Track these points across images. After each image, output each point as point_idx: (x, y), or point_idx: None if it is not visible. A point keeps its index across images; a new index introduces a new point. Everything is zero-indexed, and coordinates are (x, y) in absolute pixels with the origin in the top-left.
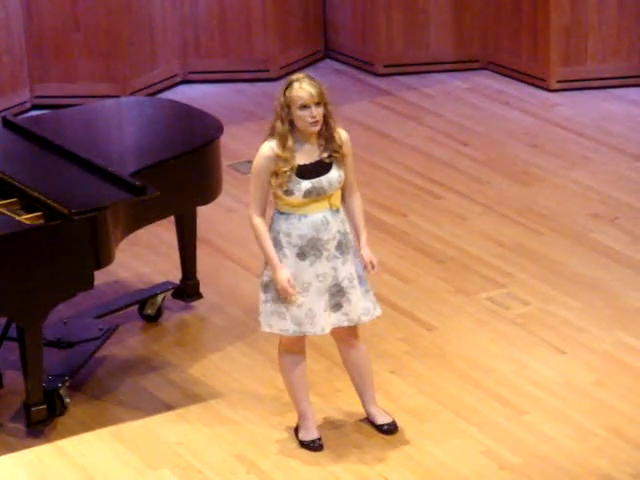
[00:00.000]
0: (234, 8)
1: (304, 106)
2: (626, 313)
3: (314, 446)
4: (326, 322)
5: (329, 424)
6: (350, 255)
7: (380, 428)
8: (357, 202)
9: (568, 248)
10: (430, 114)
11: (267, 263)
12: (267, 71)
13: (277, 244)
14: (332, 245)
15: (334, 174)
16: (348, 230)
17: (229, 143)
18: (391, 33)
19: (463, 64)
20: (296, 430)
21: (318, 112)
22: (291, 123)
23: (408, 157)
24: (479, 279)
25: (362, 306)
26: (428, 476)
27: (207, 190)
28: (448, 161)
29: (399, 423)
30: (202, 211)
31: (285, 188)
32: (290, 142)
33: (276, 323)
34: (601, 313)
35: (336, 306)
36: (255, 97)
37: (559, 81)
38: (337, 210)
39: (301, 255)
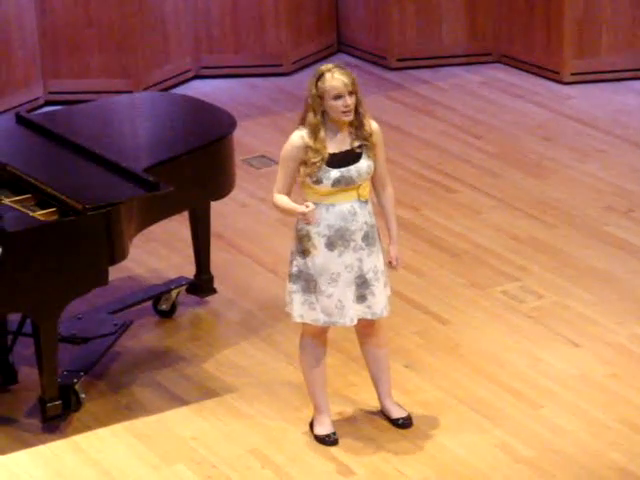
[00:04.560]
0: (246, 3)
1: (338, 96)
2: None
3: (329, 440)
4: (354, 313)
5: (344, 418)
6: (375, 247)
7: (395, 422)
8: (389, 197)
9: (582, 241)
10: (443, 108)
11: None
12: (280, 66)
13: (306, 234)
14: (359, 236)
15: (363, 164)
16: (374, 222)
17: (242, 138)
18: (404, 27)
19: (476, 57)
20: (311, 424)
21: (352, 101)
22: (323, 114)
23: (421, 151)
24: (493, 273)
25: (384, 300)
26: (443, 470)
27: (221, 185)
28: (461, 155)
29: (413, 417)
30: (216, 206)
31: (314, 178)
32: (322, 133)
33: (307, 313)
34: (615, 306)
35: (360, 298)
36: (268, 92)
37: (573, 74)
38: (365, 201)
39: (329, 245)
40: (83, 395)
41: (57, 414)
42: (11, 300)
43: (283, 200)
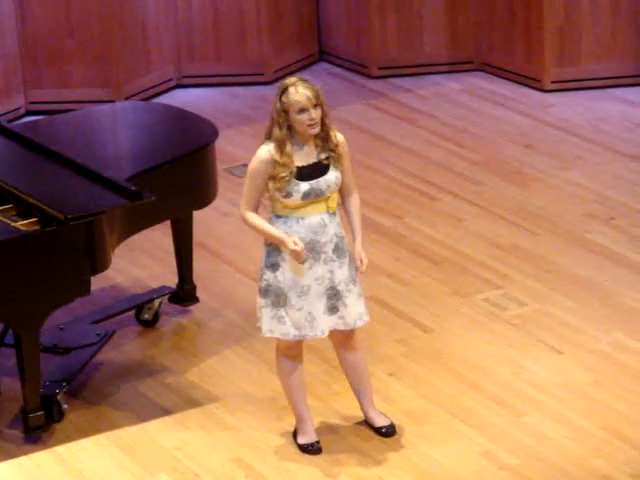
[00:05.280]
0: (228, 12)
1: (302, 110)
2: (623, 313)
3: (312, 449)
4: (325, 325)
5: (327, 427)
6: (346, 259)
7: (378, 430)
8: (355, 202)
9: (564, 248)
10: (425, 116)
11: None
12: (261, 75)
13: (276, 248)
14: (329, 248)
15: (331, 176)
16: (344, 234)
17: (224, 147)
18: (385, 35)
19: (457, 65)
20: (294, 434)
21: (317, 114)
22: (289, 128)
23: (403, 159)
24: (475, 280)
25: (357, 310)
26: (426, 478)
27: (203, 194)
28: (443, 163)
29: (397, 425)
30: (198, 215)
31: (284, 192)
32: (289, 147)
33: (277, 328)
34: (598, 313)
35: (332, 309)
36: (250, 101)
37: (553, 82)
38: (334, 213)
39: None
40: (65, 405)
41: (39, 425)
42: None
43: (260, 223)
